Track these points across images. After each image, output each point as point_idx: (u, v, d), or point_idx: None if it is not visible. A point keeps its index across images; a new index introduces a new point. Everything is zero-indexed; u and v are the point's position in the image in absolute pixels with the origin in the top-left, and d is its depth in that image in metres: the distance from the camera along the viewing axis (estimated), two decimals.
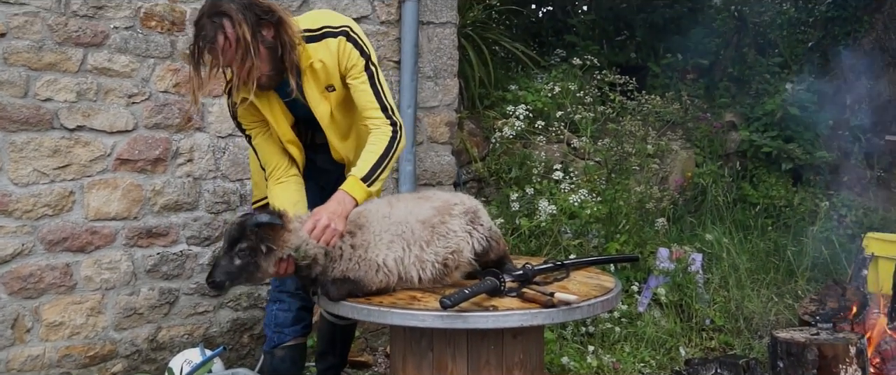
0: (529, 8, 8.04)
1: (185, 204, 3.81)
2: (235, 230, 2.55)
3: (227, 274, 2.54)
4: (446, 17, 4.73)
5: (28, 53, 3.36)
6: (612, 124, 5.53)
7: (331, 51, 2.86)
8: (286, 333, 3.17)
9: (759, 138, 6.34)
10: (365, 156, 2.86)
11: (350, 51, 2.87)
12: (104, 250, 3.59)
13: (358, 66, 2.88)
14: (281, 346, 3.18)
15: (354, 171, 2.81)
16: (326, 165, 3.18)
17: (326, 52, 2.86)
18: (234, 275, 2.55)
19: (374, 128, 2.90)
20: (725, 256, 5.01)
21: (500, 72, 5.93)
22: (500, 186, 5.19)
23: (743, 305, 4.69)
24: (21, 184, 3.37)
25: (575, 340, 4.24)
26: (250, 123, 2.97)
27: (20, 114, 3.35)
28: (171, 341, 3.78)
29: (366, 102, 2.91)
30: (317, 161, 3.18)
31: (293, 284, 3.11)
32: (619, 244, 4.68)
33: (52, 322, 3.46)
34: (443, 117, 4.72)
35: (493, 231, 2.86)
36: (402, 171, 4.45)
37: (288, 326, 3.17)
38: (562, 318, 2.60)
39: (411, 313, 2.46)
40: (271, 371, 3.19)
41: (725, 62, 7.42)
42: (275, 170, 2.98)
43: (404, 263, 2.64)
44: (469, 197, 2.95)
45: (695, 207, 5.88)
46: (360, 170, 2.80)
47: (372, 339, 4.39)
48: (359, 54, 2.88)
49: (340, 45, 2.86)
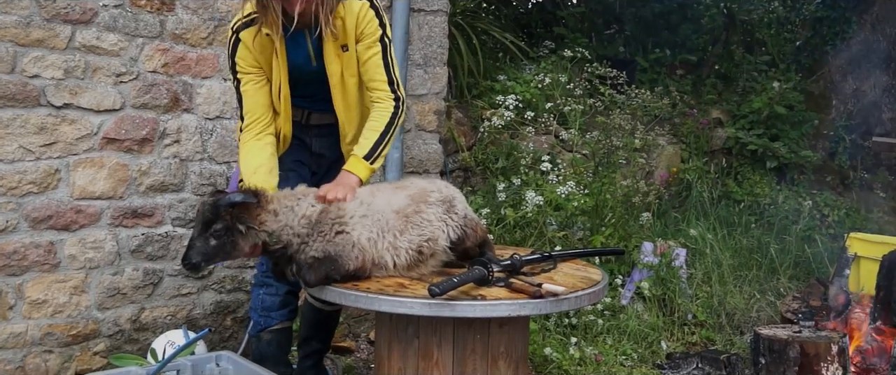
0: None
1: (172, 186, 3.78)
2: (209, 210, 2.52)
3: (202, 255, 2.53)
4: (437, 5, 4.72)
5: (15, 29, 3.32)
6: (601, 117, 5.54)
7: (353, 12, 2.89)
8: (273, 317, 3.16)
9: (745, 136, 6.38)
10: (366, 133, 2.93)
11: (371, 18, 2.91)
12: (89, 229, 3.56)
13: (374, 35, 2.92)
14: (267, 330, 3.17)
15: (356, 150, 2.89)
16: (323, 150, 3.17)
17: (350, 13, 2.88)
18: (209, 256, 2.54)
19: (377, 101, 2.95)
20: (709, 252, 5.05)
21: (489, 61, 5.93)
22: (486, 176, 5.20)
23: (725, 301, 4.73)
24: (6, 160, 3.33)
25: (558, 331, 4.26)
26: (247, 67, 2.92)
27: (6, 90, 3.31)
28: (154, 322, 3.77)
29: (374, 73, 2.95)
30: (312, 145, 3.17)
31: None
32: (604, 237, 4.69)
33: (35, 300, 3.44)
34: (431, 105, 4.71)
35: (469, 218, 2.86)
36: (389, 158, 4.43)
37: (275, 310, 3.16)
38: (549, 309, 2.61)
39: (399, 300, 2.46)
40: (258, 355, 3.18)
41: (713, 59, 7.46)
42: (256, 122, 2.93)
43: (377, 246, 2.64)
44: (447, 185, 2.94)
45: (680, 202, 5.92)
46: (361, 148, 2.88)
47: (354, 325, 4.39)
48: (378, 23, 2.92)
49: (363, 10, 2.90)
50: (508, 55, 6.29)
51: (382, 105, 2.96)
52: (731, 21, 7.64)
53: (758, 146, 6.30)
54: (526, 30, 7.58)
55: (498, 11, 7.29)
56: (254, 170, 2.83)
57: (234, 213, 2.52)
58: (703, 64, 7.28)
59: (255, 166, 2.84)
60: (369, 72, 2.97)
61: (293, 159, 3.15)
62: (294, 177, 3.03)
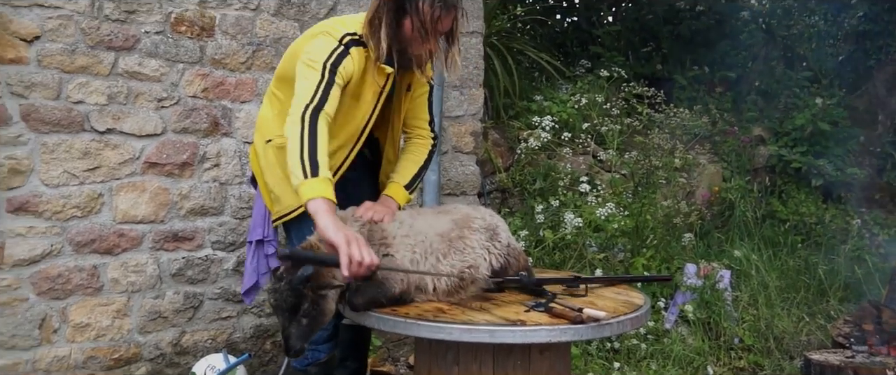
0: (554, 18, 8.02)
1: (211, 209, 3.81)
2: (290, 295, 2.42)
3: (302, 339, 2.46)
4: (473, 27, 4.71)
5: (61, 56, 3.38)
6: (640, 137, 5.48)
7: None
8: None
9: (788, 153, 6.27)
10: (407, 165, 2.99)
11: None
12: (131, 253, 3.59)
13: (428, 76, 2.95)
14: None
15: (397, 178, 2.94)
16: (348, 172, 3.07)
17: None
18: (308, 336, 2.48)
19: (418, 138, 3.02)
20: (754, 273, 4.94)
21: (525, 82, 5.91)
22: (524, 197, 5.16)
23: (773, 324, 4.62)
24: (51, 185, 3.38)
25: (600, 356, 4.19)
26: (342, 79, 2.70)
27: (52, 116, 3.37)
28: (195, 345, 3.78)
29: (419, 111, 3.01)
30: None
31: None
32: (645, 259, 4.63)
33: (78, 324, 3.47)
34: (468, 126, 4.70)
35: (513, 248, 2.83)
36: (426, 181, 4.42)
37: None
38: (590, 335, 2.56)
39: (438, 325, 2.43)
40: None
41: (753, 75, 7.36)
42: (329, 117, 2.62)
43: (419, 268, 2.61)
44: (491, 213, 2.92)
45: (722, 223, 5.81)
46: (402, 177, 2.93)
47: (394, 349, 4.37)
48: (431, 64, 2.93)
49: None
50: (544, 75, 6.26)
51: (422, 142, 3.05)
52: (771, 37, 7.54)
53: (802, 164, 6.18)
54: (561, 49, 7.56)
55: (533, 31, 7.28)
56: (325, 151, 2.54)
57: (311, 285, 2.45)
58: (743, 81, 7.18)
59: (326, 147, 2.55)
60: (416, 109, 3.02)
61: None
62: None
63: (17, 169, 3.30)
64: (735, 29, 7.40)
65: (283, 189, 2.89)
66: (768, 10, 7.79)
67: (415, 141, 3.03)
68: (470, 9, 4.68)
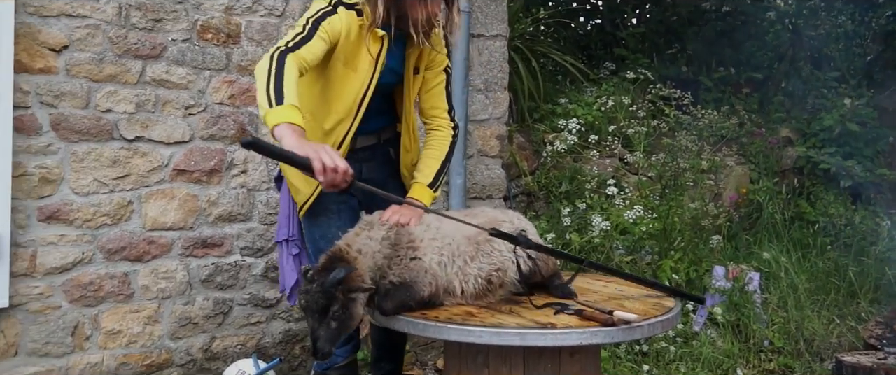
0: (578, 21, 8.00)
1: (239, 215, 3.83)
2: (321, 297, 2.43)
3: (331, 342, 2.46)
4: (497, 30, 4.71)
5: (89, 65, 3.42)
6: (667, 139, 5.45)
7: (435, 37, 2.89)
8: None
9: (816, 154, 6.20)
10: (429, 162, 2.92)
11: (444, 46, 2.94)
12: (161, 259, 3.62)
13: (443, 64, 2.95)
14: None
15: (420, 177, 2.89)
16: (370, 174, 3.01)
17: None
18: (336, 339, 2.47)
19: (437, 129, 2.96)
20: (784, 275, 4.89)
21: (549, 85, 5.90)
22: (549, 200, 5.14)
23: (803, 326, 4.56)
24: (82, 193, 3.42)
25: (629, 358, 4.16)
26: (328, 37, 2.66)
27: (81, 125, 3.40)
28: (225, 351, 3.80)
29: (437, 100, 2.96)
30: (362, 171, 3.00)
31: None
32: (673, 261, 4.59)
33: (110, 330, 3.50)
34: (493, 130, 4.70)
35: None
36: (452, 185, 4.42)
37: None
38: (621, 338, 2.54)
39: (468, 329, 2.43)
40: None
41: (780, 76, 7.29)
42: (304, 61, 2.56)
43: (447, 270, 2.61)
44: (519, 217, 2.91)
45: (750, 224, 5.76)
46: (425, 176, 2.88)
47: (422, 353, 4.36)
48: (447, 51, 2.96)
49: (438, 37, 2.89)
50: (568, 78, 6.25)
51: (442, 133, 2.98)
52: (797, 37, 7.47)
53: (830, 165, 6.10)
54: (585, 52, 7.54)
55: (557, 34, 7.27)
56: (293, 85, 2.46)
57: (342, 288, 2.45)
58: (770, 81, 7.12)
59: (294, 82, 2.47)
60: (433, 98, 2.97)
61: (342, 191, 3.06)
62: (346, 211, 2.97)
63: (48, 178, 3.34)
64: (761, 29, 7.34)
65: (300, 177, 2.84)
66: (795, 11, 7.71)
67: (435, 133, 2.97)
68: (493, 12, 4.69)
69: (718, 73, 6.93)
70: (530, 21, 6.06)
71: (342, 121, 2.81)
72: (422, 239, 2.66)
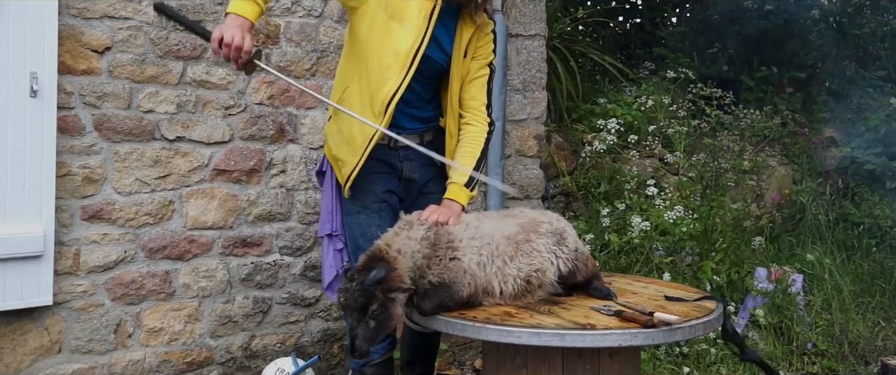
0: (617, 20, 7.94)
1: (278, 215, 3.85)
2: (360, 295, 2.44)
3: (368, 341, 2.47)
4: (535, 30, 4.69)
5: (131, 66, 3.46)
6: (708, 139, 5.38)
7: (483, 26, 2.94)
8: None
9: (861, 155, 6.08)
10: (463, 159, 2.91)
11: (491, 39, 2.98)
12: (201, 258, 3.65)
13: (488, 57, 2.98)
14: (370, 364, 3.13)
15: (455, 177, 2.88)
16: (412, 174, 3.04)
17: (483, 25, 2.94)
18: (374, 338, 2.48)
19: (472, 123, 2.95)
20: (827, 278, 4.80)
21: (588, 84, 5.85)
22: (588, 201, 5.11)
23: (847, 329, 4.48)
24: (124, 192, 3.46)
25: (668, 360, 4.11)
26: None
27: (124, 125, 3.45)
28: (264, 349, 3.83)
29: (477, 92, 2.96)
30: (403, 170, 3.03)
31: None
32: (714, 262, 4.53)
33: (152, 328, 3.54)
34: (531, 130, 4.67)
35: (580, 252, 2.79)
36: (490, 185, 4.40)
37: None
38: (662, 339, 2.51)
39: (507, 329, 2.42)
40: None
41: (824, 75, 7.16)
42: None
43: (486, 270, 2.60)
44: (558, 218, 2.88)
45: (793, 226, 5.67)
46: (461, 176, 2.87)
47: (459, 353, 4.36)
48: (492, 48, 2.98)
49: (488, 28, 2.97)
50: (607, 77, 6.20)
51: (477, 127, 2.96)
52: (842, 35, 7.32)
53: (875, 165, 5.98)
54: (625, 51, 7.47)
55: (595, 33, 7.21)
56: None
57: (382, 287, 2.46)
58: (814, 81, 6.99)
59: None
60: (473, 89, 2.97)
61: (384, 189, 2.99)
62: (386, 209, 2.98)
63: (91, 177, 3.39)
64: (804, 28, 7.21)
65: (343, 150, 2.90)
66: (839, 9, 7.57)
67: (470, 126, 2.95)
68: (532, 12, 4.67)
69: (760, 73, 6.82)
70: (569, 20, 6.02)
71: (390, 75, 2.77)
72: (461, 239, 2.65)
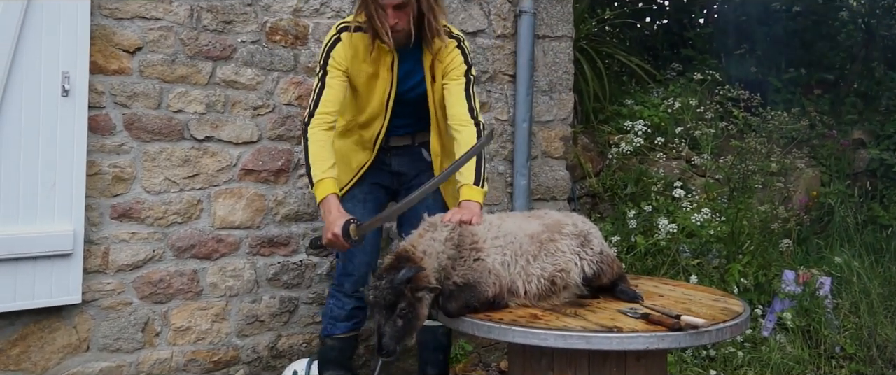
0: (644, 21, 7.90)
1: (305, 215, 3.87)
2: (390, 294, 2.48)
3: (396, 340, 2.49)
4: (562, 31, 4.68)
5: (162, 66, 3.50)
6: (735, 141, 5.34)
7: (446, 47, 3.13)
8: (339, 327, 3.30)
9: (890, 157, 6.02)
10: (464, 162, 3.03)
11: (457, 55, 3.15)
12: (229, 258, 3.68)
13: (459, 69, 3.14)
14: (333, 337, 3.31)
15: (462, 179, 2.98)
16: (402, 168, 3.33)
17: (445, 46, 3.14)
18: (401, 337, 2.51)
19: (459, 128, 3.10)
20: (856, 280, 4.75)
21: (615, 86, 5.83)
22: (614, 202, 5.09)
23: (876, 332, 4.42)
24: (153, 191, 3.50)
25: (695, 363, 4.09)
26: (339, 65, 3.08)
27: (154, 125, 3.48)
28: (290, 349, 3.85)
29: (456, 101, 3.13)
30: (392, 164, 3.32)
31: (351, 287, 3.25)
32: (741, 265, 4.50)
33: (179, 327, 3.58)
34: (557, 131, 4.66)
35: (606, 254, 2.79)
36: (516, 186, 4.41)
37: (340, 321, 3.30)
38: (688, 343, 2.51)
39: (533, 331, 2.42)
40: (322, 357, 3.34)
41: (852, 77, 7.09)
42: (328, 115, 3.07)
43: (510, 270, 2.60)
44: (583, 219, 2.88)
45: (821, 228, 5.61)
46: (467, 177, 2.98)
47: (485, 354, 4.36)
48: (463, 60, 3.15)
49: (451, 46, 3.14)
50: (634, 79, 6.17)
51: (465, 130, 3.09)
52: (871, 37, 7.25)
53: None
54: (652, 52, 7.44)
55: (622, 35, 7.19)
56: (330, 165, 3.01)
57: (410, 286, 2.50)
58: (842, 82, 6.93)
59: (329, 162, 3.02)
60: (453, 106, 3.12)
61: (372, 182, 3.31)
62: (371, 200, 3.30)
63: (121, 176, 3.43)
64: (833, 29, 7.15)
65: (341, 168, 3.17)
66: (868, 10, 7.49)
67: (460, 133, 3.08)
68: (559, 13, 4.66)
69: (788, 74, 6.77)
70: (596, 22, 6.00)
71: (375, 118, 3.20)
72: (484, 240, 2.66)
